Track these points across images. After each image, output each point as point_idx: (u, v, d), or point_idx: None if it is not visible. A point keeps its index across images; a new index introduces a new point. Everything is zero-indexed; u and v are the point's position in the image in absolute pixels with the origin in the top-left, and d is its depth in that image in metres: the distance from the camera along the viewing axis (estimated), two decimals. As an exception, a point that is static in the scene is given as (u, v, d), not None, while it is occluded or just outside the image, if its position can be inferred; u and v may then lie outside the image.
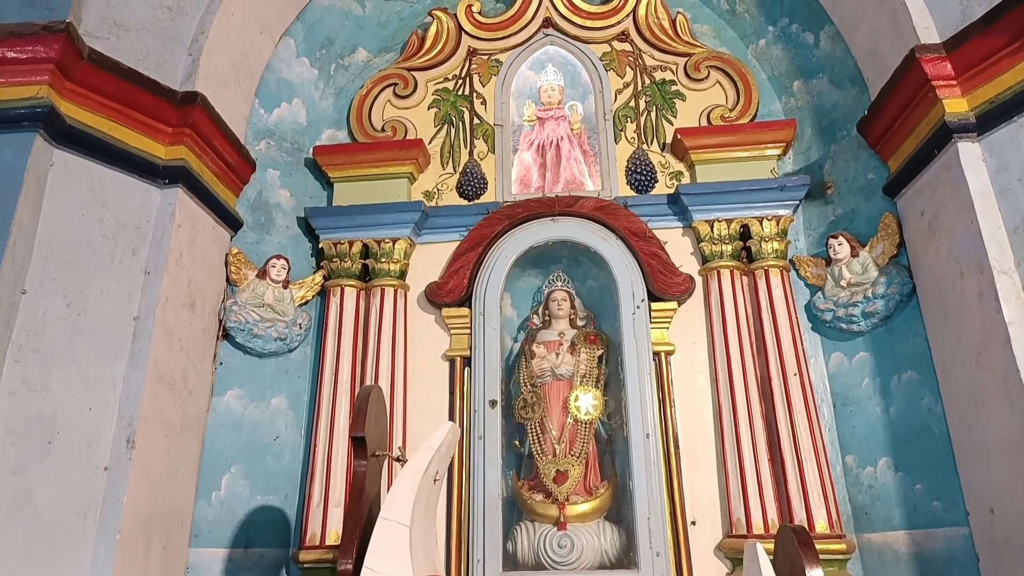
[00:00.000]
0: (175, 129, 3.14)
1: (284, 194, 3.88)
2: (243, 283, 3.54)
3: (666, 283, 3.57)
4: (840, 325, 3.41)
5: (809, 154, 3.80)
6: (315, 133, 4.12)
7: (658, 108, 4.02)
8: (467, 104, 4.14)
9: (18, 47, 2.72)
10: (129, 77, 2.98)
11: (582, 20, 4.18)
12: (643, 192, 3.84)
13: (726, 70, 3.98)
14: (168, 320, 2.99)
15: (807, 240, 3.71)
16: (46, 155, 2.76)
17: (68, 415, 2.64)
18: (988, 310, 2.68)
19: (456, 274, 3.71)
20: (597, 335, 3.67)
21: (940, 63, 2.94)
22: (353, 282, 3.74)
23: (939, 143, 2.95)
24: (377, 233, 3.77)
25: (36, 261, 2.67)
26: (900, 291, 3.22)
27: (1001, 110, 2.78)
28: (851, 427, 3.35)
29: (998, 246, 2.70)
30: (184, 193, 3.15)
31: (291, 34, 4.01)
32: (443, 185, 3.98)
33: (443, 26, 4.23)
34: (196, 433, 3.23)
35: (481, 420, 3.42)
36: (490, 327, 3.58)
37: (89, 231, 2.85)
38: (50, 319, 2.67)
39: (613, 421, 3.54)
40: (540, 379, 3.57)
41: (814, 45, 3.82)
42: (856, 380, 3.38)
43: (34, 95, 2.70)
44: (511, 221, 3.75)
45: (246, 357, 3.51)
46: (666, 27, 4.11)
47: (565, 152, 4.04)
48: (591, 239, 3.68)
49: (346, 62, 4.26)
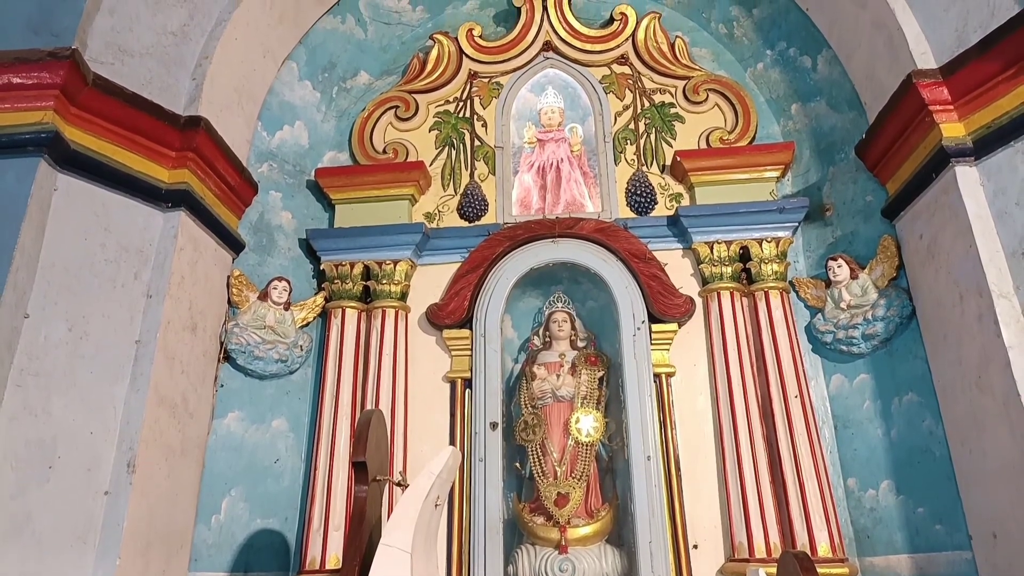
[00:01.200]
0: (178, 153, 3.16)
1: (286, 216, 3.91)
2: (244, 305, 3.55)
3: (666, 305, 3.58)
4: (840, 347, 3.42)
5: (808, 176, 3.83)
6: (317, 155, 4.14)
7: (657, 130, 4.05)
8: (468, 126, 4.17)
9: (24, 73, 2.75)
10: (133, 102, 3.01)
11: (582, 44, 4.22)
12: (643, 214, 3.86)
13: (724, 93, 4.02)
14: (169, 343, 3.00)
15: (807, 262, 3.73)
16: (50, 180, 2.78)
17: (69, 439, 2.63)
18: (988, 334, 2.68)
19: (457, 296, 3.72)
20: (598, 356, 3.67)
21: (937, 88, 2.97)
22: (354, 304, 3.75)
23: (937, 167, 2.97)
24: (378, 255, 3.78)
25: (39, 285, 2.68)
26: (900, 313, 3.23)
27: (998, 135, 2.80)
28: (852, 449, 3.35)
29: (997, 270, 2.71)
30: (187, 216, 3.17)
31: (294, 58, 4.05)
32: (444, 207, 4.00)
33: (444, 49, 4.27)
34: (196, 456, 3.22)
35: (482, 442, 3.41)
36: (491, 348, 3.59)
37: (92, 255, 2.86)
38: (52, 343, 2.67)
39: (614, 443, 3.53)
40: (541, 401, 3.57)
41: (811, 69, 3.86)
42: (857, 402, 3.38)
43: (39, 120, 2.73)
44: (512, 243, 3.77)
45: (247, 379, 3.51)
46: (665, 51, 4.15)
47: (565, 174, 4.07)
48: (591, 261, 3.70)
49: (348, 85, 4.30)
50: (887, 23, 3.22)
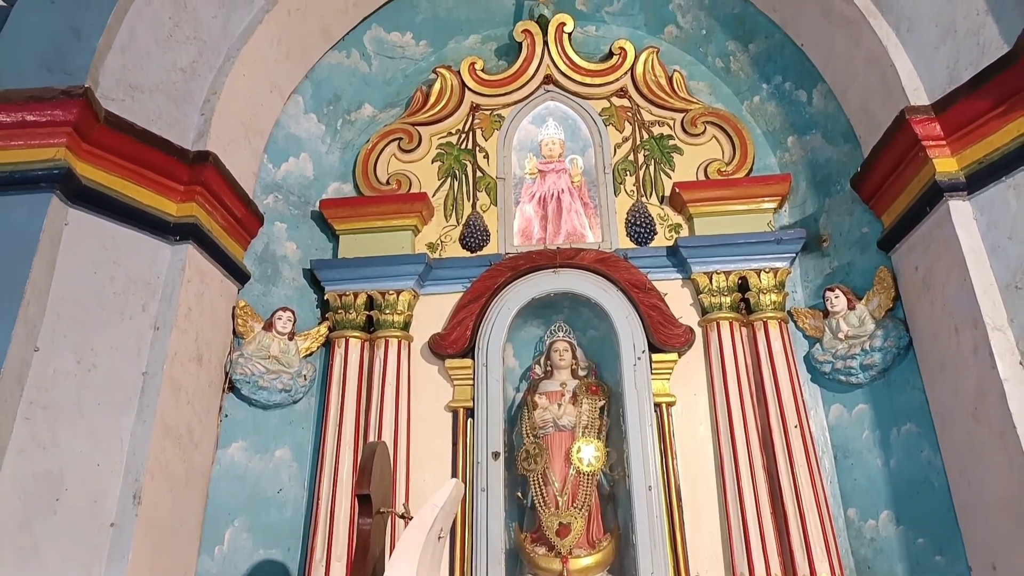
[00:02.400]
0: (186, 187, 3.22)
1: (291, 246, 3.96)
2: (249, 335, 3.58)
3: (666, 334, 3.62)
4: (839, 377, 3.45)
5: (804, 207, 3.89)
6: (322, 186, 4.21)
7: (656, 162, 4.12)
8: (470, 158, 4.24)
9: (38, 111, 2.82)
10: (143, 138, 3.08)
11: (582, 77, 4.30)
12: (643, 244, 3.91)
13: (722, 125, 4.10)
14: (176, 375, 3.03)
15: (804, 292, 3.78)
16: (61, 215, 2.83)
17: (76, 471, 2.66)
18: (983, 366, 2.72)
19: (459, 325, 3.76)
20: (599, 385, 3.70)
21: (929, 124, 3.04)
22: (357, 333, 3.78)
23: (931, 201, 3.03)
24: (381, 285, 3.83)
25: (49, 318, 2.73)
26: (897, 344, 3.27)
27: (990, 170, 2.87)
28: (852, 479, 3.37)
29: (991, 302, 2.76)
30: (194, 249, 3.22)
31: (300, 91, 4.13)
32: (446, 237, 4.06)
33: (447, 83, 4.35)
34: (201, 487, 3.24)
35: (484, 472, 3.43)
36: (493, 378, 3.62)
37: (101, 288, 2.91)
38: (60, 375, 2.71)
39: (615, 472, 3.55)
40: (542, 430, 3.59)
41: (807, 102, 3.94)
42: (856, 432, 3.41)
43: (52, 157, 2.80)
44: (513, 273, 3.81)
45: (251, 409, 3.54)
46: (663, 84, 4.23)
47: (566, 204, 4.13)
48: (592, 291, 3.74)
49: (352, 117, 4.37)
50: (880, 60, 3.30)
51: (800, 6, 3.73)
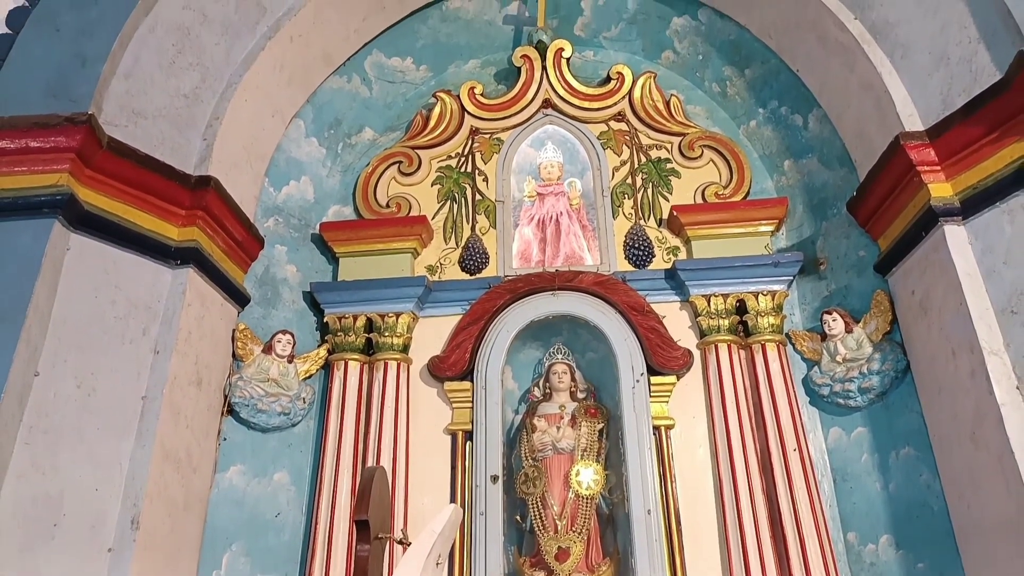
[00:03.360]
0: (188, 211, 3.25)
1: (291, 269, 3.98)
2: (249, 358, 3.59)
3: (665, 357, 3.63)
4: (837, 400, 3.45)
5: (801, 230, 3.91)
6: (322, 209, 4.24)
7: (654, 185, 4.15)
8: (469, 181, 4.27)
9: (42, 137, 2.85)
10: (145, 163, 3.11)
11: (580, 101, 4.35)
12: (641, 267, 3.93)
13: (719, 149, 4.13)
14: (175, 398, 3.04)
15: (802, 315, 3.79)
16: (63, 240, 2.86)
17: (75, 496, 2.67)
18: (980, 390, 2.73)
19: (458, 348, 3.77)
20: (597, 408, 3.70)
21: (924, 149, 3.07)
22: (357, 356, 3.79)
23: (926, 226, 3.05)
24: (381, 307, 3.84)
25: (50, 343, 2.75)
26: (895, 367, 3.28)
27: (984, 196, 2.90)
28: (851, 503, 3.36)
29: (987, 327, 2.77)
30: (195, 273, 3.24)
31: (301, 116, 4.17)
32: (446, 260, 4.08)
33: (447, 107, 4.40)
34: (199, 511, 3.24)
35: (483, 496, 3.42)
36: (491, 401, 3.62)
37: (102, 312, 2.93)
38: (61, 400, 2.72)
39: (614, 496, 3.54)
40: (541, 453, 3.58)
41: (803, 127, 3.98)
42: (855, 455, 3.40)
43: (55, 183, 2.83)
44: (512, 295, 3.83)
45: (250, 432, 3.54)
46: (660, 108, 4.28)
47: (564, 227, 4.15)
48: (590, 313, 3.75)
49: (353, 141, 4.41)
50: (875, 86, 3.34)
51: (795, 33, 3.78)
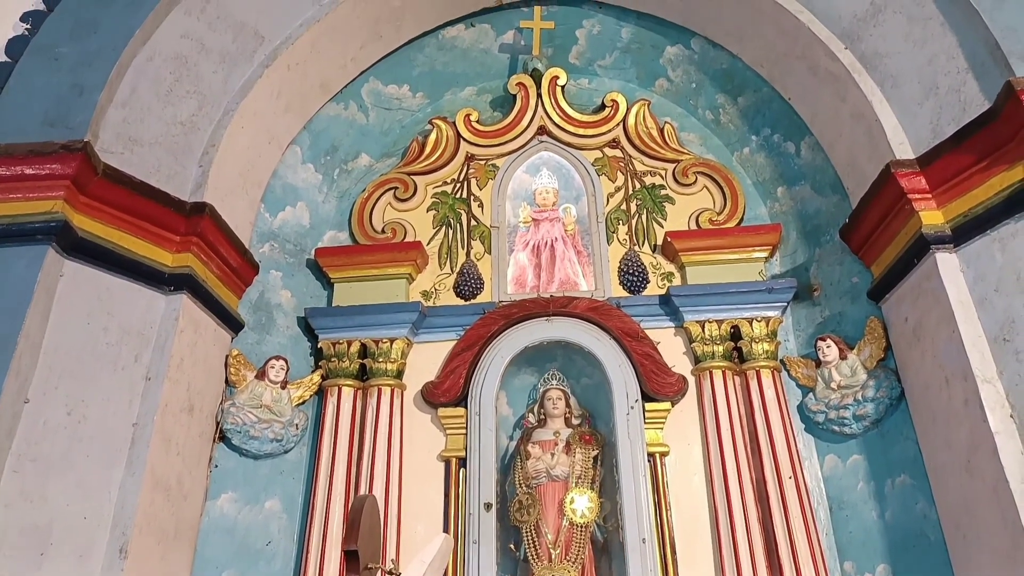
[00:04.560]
0: (183, 237, 3.26)
1: (285, 295, 3.98)
2: (242, 384, 3.58)
3: (659, 383, 3.62)
4: (833, 427, 3.44)
5: (795, 257, 3.92)
6: (318, 235, 4.25)
7: (648, 211, 4.17)
8: (465, 207, 4.29)
9: (37, 164, 2.87)
10: (141, 190, 3.13)
11: (575, 128, 4.38)
12: (635, 292, 3.94)
13: (713, 176, 4.16)
14: (167, 425, 3.03)
15: (796, 341, 3.78)
16: (57, 266, 2.87)
17: (63, 525, 2.64)
18: (974, 418, 2.72)
19: (452, 373, 3.76)
20: (592, 435, 3.68)
21: (915, 177, 3.09)
22: (350, 382, 3.78)
23: (918, 253, 3.06)
24: (375, 333, 3.84)
25: (40, 370, 2.74)
26: (889, 395, 3.27)
27: (975, 223, 2.91)
28: (848, 532, 3.33)
29: (980, 355, 2.77)
30: (188, 299, 3.24)
31: (298, 142, 4.20)
32: (440, 285, 4.08)
33: (443, 133, 4.43)
34: (189, 539, 3.21)
35: (476, 524, 3.39)
36: (485, 427, 3.60)
37: (94, 339, 2.92)
38: (51, 427, 2.71)
39: (609, 524, 3.51)
40: (535, 480, 3.56)
41: (795, 154, 4.00)
42: (851, 483, 3.38)
43: (49, 209, 2.84)
44: (507, 321, 3.83)
45: (242, 459, 3.52)
46: (654, 135, 4.31)
47: (559, 253, 4.16)
48: (585, 339, 3.75)
49: (349, 167, 4.44)
50: (866, 115, 3.37)
51: (787, 63, 3.82)
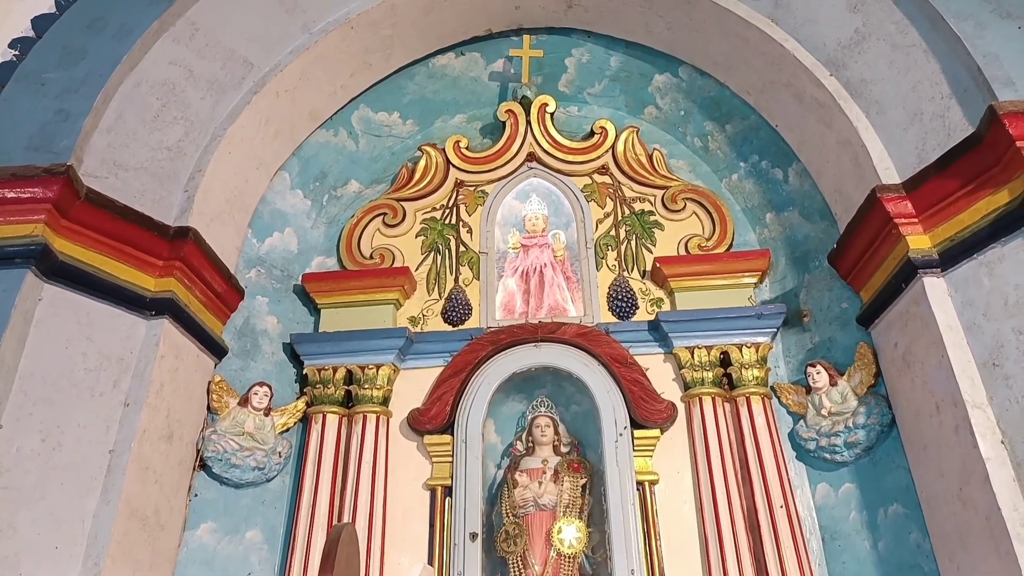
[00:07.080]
0: (165, 262, 3.24)
1: (271, 320, 3.94)
2: (224, 411, 3.52)
3: (648, 410, 3.57)
4: (824, 455, 3.38)
5: (784, 282, 3.90)
6: (305, 261, 4.23)
7: (638, 237, 4.16)
8: (453, 232, 4.28)
9: (18, 188, 2.86)
10: (124, 214, 3.11)
11: (564, 155, 4.39)
12: (624, 318, 3.91)
13: (701, 202, 4.16)
14: (144, 453, 2.97)
15: (787, 367, 3.75)
16: (35, 290, 2.84)
17: (32, 556, 2.58)
18: (965, 445, 2.67)
19: (439, 400, 3.71)
20: (581, 463, 3.62)
21: (901, 202, 3.09)
22: (336, 408, 3.72)
23: (906, 278, 3.04)
24: (361, 359, 3.79)
25: (15, 396, 2.69)
26: (880, 421, 3.23)
27: (961, 248, 2.90)
28: (841, 563, 3.25)
29: (969, 380, 2.74)
30: (170, 324, 3.20)
31: (287, 168, 4.20)
32: (428, 311, 4.05)
33: (432, 160, 4.43)
34: (166, 570, 3.12)
35: (461, 555, 3.32)
36: (472, 455, 3.54)
37: (72, 364, 2.88)
38: (24, 455, 2.65)
39: (597, 554, 3.43)
40: (523, 509, 3.49)
41: (783, 180, 4.01)
42: (843, 513, 3.31)
43: (29, 233, 2.82)
44: (495, 347, 3.79)
45: (222, 488, 3.44)
46: (643, 162, 4.32)
47: (548, 278, 4.14)
48: (574, 365, 3.71)
49: (338, 193, 4.44)
50: (852, 141, 3.37)
51: (773, 91, 3.84)
